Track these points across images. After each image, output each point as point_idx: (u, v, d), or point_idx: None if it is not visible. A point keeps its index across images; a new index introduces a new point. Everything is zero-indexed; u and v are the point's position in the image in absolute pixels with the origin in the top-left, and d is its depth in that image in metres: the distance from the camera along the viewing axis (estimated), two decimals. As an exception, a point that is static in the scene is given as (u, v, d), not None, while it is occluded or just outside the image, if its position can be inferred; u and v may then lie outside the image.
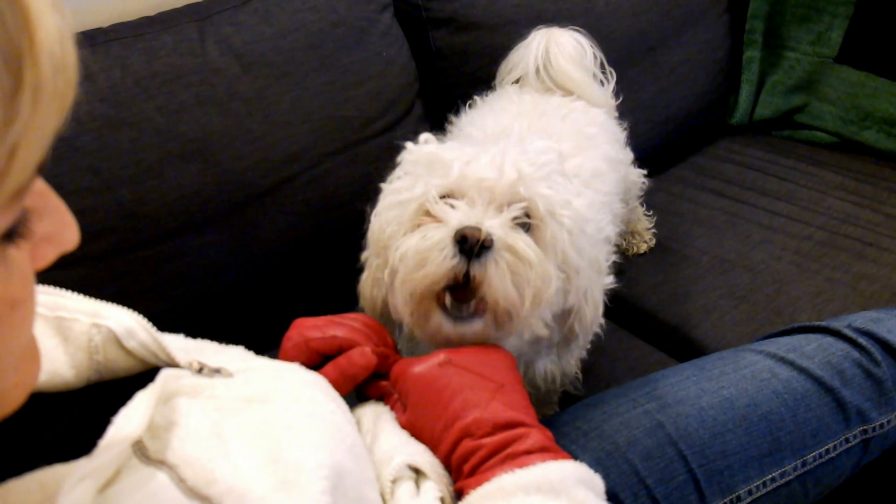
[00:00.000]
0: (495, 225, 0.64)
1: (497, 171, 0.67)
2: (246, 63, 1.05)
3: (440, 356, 0.61)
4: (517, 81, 1.15)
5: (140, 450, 0.44)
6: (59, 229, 0.33)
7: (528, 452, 0.54)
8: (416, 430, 0.60)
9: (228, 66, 1.03)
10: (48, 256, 0.33)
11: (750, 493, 0.74)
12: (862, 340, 0.83)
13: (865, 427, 0.79)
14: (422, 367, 0.61)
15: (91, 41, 0.97)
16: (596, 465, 0.70)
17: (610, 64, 1.18)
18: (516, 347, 0.74)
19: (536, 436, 0.55)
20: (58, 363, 0.49)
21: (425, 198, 0.67)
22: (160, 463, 0.43)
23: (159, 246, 1.01)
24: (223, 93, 1.03)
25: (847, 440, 0.78)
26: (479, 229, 0.62)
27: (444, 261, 0.63)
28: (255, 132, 1.05)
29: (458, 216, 0.65)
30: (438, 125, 1.13)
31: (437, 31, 1.27)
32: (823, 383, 0.79)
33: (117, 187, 0.96)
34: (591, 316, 0.72)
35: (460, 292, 0.65)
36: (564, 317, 0.74)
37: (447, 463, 0.57)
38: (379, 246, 0.71)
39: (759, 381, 0.79)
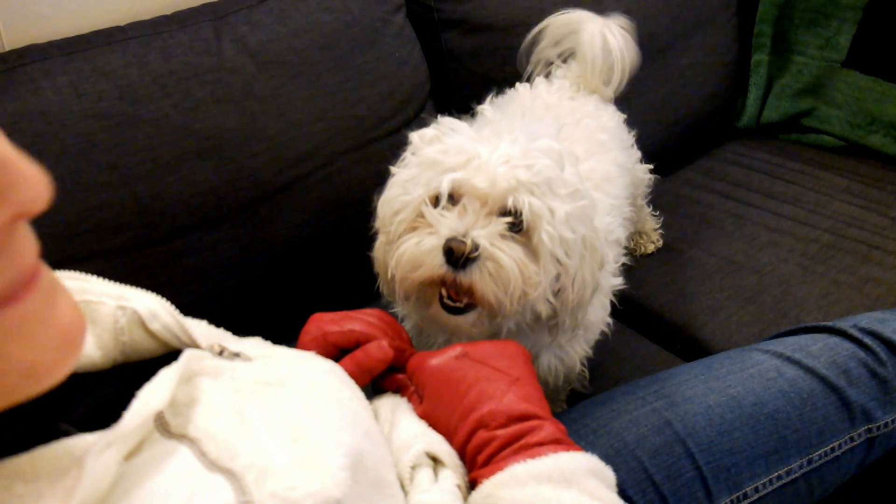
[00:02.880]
0: (482, 235, 0.69)
1: (490, 181, 0.70)
2: (261, 62, 1.06)
3: (457, 349, 0.63)
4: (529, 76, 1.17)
5: (162, 425, 0.45)
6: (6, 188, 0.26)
7: (541, 444, 0.55)
8: (431, 421, 0.61)
9: (244, 65, 1.05)
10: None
11: (756, 490, 0.75)
12: (867, 340, 0.84)
13: (870, 426, 0.80)
14: (439, 359, 0.62)
15: (109, 39, 0.99)
16: (604, 461, 0.71)
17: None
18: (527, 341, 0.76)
19: (549, 428, 0.56)
20: (85, 344, 0.50)
21: (421, 201, 0.72)
22: (182, 437, 0.45)
23: (175, 241, 1.02)
24: (238, 91, 1.04)
25: (852, 439, 0.79)
26: (464, 243, 0.68)
27: (434, 268, 0.69)
28: (270, 130, 1.06)
29: (449, 225, 0.69)
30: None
31: (449, 32, 1.29)
32: (829, 382, 0.80)
33: (134, 183, 0.97)
34: (575, 299, 0.75)
35: (452, 288, 0.71)
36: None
37: (462, 453, 0.58)
38: (385, 223, 0.77)
39: (765, 380, 0.80)
